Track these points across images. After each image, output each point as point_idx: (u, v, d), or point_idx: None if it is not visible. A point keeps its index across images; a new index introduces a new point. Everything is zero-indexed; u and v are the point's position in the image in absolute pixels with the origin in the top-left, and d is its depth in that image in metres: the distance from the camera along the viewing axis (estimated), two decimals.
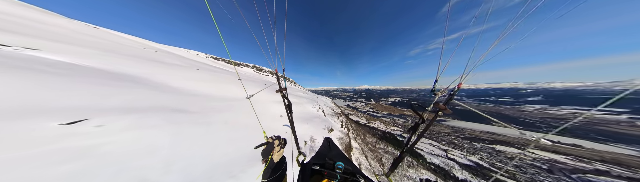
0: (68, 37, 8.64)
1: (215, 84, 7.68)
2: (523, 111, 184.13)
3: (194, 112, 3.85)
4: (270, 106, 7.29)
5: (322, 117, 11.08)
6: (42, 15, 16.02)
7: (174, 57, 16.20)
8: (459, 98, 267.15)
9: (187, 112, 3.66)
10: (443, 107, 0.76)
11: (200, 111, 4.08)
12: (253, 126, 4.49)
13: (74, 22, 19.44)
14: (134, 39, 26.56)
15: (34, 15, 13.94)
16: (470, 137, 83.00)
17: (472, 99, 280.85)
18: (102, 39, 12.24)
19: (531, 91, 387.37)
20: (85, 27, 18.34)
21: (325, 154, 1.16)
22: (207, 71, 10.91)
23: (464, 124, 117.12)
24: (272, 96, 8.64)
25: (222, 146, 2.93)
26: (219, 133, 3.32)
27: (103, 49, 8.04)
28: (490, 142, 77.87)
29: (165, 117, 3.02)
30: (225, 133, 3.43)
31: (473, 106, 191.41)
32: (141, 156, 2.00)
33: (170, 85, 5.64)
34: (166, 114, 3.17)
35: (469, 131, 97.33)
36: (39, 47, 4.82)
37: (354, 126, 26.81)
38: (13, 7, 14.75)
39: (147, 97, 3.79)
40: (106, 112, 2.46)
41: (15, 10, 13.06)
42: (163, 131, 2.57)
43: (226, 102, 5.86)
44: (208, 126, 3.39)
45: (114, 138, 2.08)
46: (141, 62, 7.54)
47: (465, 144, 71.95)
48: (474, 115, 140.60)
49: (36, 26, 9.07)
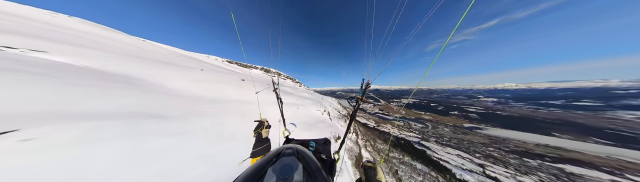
0: (90, 41, 9.27)
1: (214, 85, 7.48)
2: (613, 118, 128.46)
3: (173, 116, 3.46)
4: (269, 108, 6.81)
5: (327, 121, 10.34)
6: (106, 31, 18.05)
7: (190, 60, 16.94)
8: (504, 101, 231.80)
9: (163, 118, 3.27)
10: (358, 97, 1.09)
11: (182, 115, 3.69)
12: (241, 134, 3.98)
13: (132, 37, 21.67)
14: (165, 47, 28.89)
15: (100, 32, 15.65)
16: (517, 151, 64.00)
17: (523, 103, 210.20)
18: (127, 45, 13.17)
19: (637, 90, 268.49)
20: (138, 40, 20.23)
21: (316, 142, 1.34)
22: (211, 72, 10.96)
23: (507, 132, 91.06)
24: (272, 97, 8.18)
25: (190, 166, 2.39)
26: (192, 146, 2.83)
27: (118, 52, 8.41)
28: (553, 159, 58.74)
29: (129, 125, 2.62)
30: (201, 145, 2.93)
31: (522, 111, 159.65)
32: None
33: (166, 85, 5.47)
34: (134, 121, 2.78)
35: (515, 141, 75.13)
36: (47, 49, 4.99)
37: (362, 130, 25.44)
38: (103, 31, 16.72)
39: (128, 100, 3.51)
40: (53, 120, 2.10)
41: (93, 30, 14.73)
42: (113, 145, 2.12)
43: (219, 103, 5.50)
44: (181, 136, 2.93)
45: (32, 159, 1.59)
46: (148, 64, 7.66)
47: (511, 158, 55.74)
48: (520, 121, 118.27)
49: (71, 33, 9.93)
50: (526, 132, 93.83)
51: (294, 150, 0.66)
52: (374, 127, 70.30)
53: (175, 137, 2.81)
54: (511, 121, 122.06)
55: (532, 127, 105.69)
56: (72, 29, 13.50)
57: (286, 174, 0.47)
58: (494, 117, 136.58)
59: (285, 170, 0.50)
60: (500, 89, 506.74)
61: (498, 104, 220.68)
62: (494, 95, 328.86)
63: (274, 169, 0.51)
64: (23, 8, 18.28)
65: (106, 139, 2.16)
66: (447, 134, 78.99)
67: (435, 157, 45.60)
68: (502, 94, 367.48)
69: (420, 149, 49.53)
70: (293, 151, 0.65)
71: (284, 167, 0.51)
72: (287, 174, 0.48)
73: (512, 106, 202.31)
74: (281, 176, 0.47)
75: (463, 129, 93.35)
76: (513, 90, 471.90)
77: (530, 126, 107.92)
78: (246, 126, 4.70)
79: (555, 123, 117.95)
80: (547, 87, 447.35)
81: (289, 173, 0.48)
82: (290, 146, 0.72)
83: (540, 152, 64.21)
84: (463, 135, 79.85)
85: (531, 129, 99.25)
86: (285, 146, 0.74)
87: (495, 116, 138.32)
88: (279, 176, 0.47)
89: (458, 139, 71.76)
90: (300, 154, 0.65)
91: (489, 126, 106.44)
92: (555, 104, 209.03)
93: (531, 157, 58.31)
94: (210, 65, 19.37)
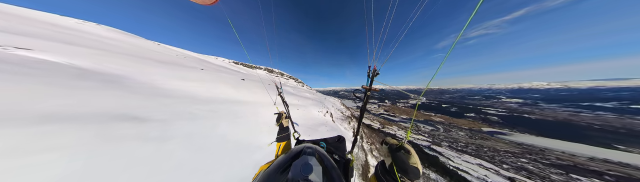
0: (91, 41, 9.21)
1: (211, 84, 7.12)
2: None
3: (155, 119, 3.03)
4: (264, 111, 6.34)
5: (329, 123, 9.77)
6: (122, 35, 18.46)
7: (197, 61, 16.93)
8: (532, 102, 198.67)
9: (142, 120, 2.84)
10: (366, 87, 0.94)
11: (166, 117, 3.26)
12: (232, 140, 3.50)
13: (147, 41, 22.17)
14: (177, 49, 29.44)
15: (115, 35, 15.97)
16: (562, 165, 50.10)
17: (557, 104, 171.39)
18: (134, 46, 13.23)
19: None
20: (152, 44, 20.61)
21: (326, 142, 1.33)
22: (212, 71, 10.70)
23: (543, 141, 73.03)
24: (274, 97, 7.73)
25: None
26: (171, 156, 2.36)
27: (117, 52, 8.26)
28: (617, 179, 45.13)
29: (95, 130, 2.19)
30: (181, 157, 2.46)
31: (559, 115, 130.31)
32: None
33: (157, 85, 5.12)
34: (103, 125, 2.36)
35: (557, 153, 59.82)
36: (34, 46, 4.77)
37: (366, 131, 24.60)
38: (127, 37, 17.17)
39: (105, 100, 3.12)
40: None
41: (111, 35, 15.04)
42: (65, 156, 1.69)
43: (212, 104, 5.08)
44: (159, 144, 2.47)
45: None
46: (146, 63, 7.42)
47: (554, 174, 44.71)
48: (558, 127, 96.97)
49: (74, 34, 9.96)
50: (568, 141, 73.76)
51: (313, 150, 0.66)
52: (379, 128, 68.55)
53: (148, 146, 2.36)
54: (545, 127, 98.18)
55: (578, 135, 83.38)
56: (81, 31, 13.73)
57: (307, 172, 0.50)
58: (521, 121, 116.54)
59: (306, 168, 0.52)
60: (527, 89, 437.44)
61: (524, 105, 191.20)
62: (518, 95, 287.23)
63: (296, 165, 0.54)
64: (49, 16, 18.93)
65: (55, 148, 1.72)
66: (462, 139, 69.96)
67: (451, 166, 40.71)
68: (530, 94, 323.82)
69: (432, 155, 45.05)
70: (312, 151, 0.65)
71: (305, 165, 0.53)
72: (308, 172, 0.51)
73: (542, 108, 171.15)
74: (303, 172, 0.50)
75: (482, 134, 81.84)
76: (543, 90, 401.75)
77: (576, 134, 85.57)
78: (240, 130, 4.23)
79: (615, 132, 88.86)
80: (590, 86, 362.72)
81: (309, 172, 0.51)
82: (310, 146, 0.73)
83: (597, 169, 48.28)
84: (482, 140, 69.12)
85: (578, 138, 77.37)
86: (306, 145, 0.76)
87: (523, 120, 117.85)
88: (301, 171, 0.51)
89: (476, 145, 62.97)
90: (319, 156, 0.65)
91: (515, 132, 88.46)
92: (604, 106, 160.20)
93: (583, 174, 45.22)
94: (215, 65, 19.32)
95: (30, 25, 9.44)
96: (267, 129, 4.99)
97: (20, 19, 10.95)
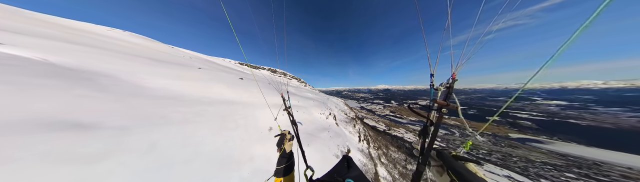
0: (87, 39, 9.08)
1: (205, 83, 6.59)
2: None
3: (106, 126, 2.41)
4: (260, 113, 5.67)
5: (332, 127, 8.95)
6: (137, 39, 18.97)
7: (201, 61, 16.82)
8: (581, 105, 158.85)
9: (84, 128, 2.23)
10: (443, 103, 0.69)
11: (124, 123, 2.64)
12: (212, 155, 2.83)
13: (163, 44, 22.64)
14: (188, 52, 30.04)
15: (127, 38, 16.33)
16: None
17: (621, 108, 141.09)
18: (139, 45, 13.25)
19: None
20: (165, 46, 21.11)
21: (341, 173, 0.99)
22: (211, 70, 10.28)
23: (598, 152, 60.12)
24: (271, 98, 7.09)
25: None
26: (106, 179, 1.70)
27: (112, 50, 8.02)
28: None
29: (8, 143, 1.58)
30: (127, 178, 1.79)
31: (623, 122, 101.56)
32: None
33: (138, 84, 4.62)
34: (15, 137, 1.75)
35: (620, 168, 45.81)
36: (6, 41, 4.44)
37: (372, 134, 23.40)
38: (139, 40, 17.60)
39: (53, 101, 2.57)
40: None
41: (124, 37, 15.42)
42: None
43: (198, 106, 4.47)
44: (90, 165, 1.82)
45: None
46: (138, 61, 7.06)
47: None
48: (622, 137, 76.37)
49: (70, 32, 9.94)
50: (634, 153, 58.96)
51: None
52: (385, 130, 66.27)
53: (72, 166, 1.71)
54: (601, 135, 78.09)
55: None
56: (88, 31, 13.99)
57: None
58: (565, 127, 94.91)
59: None
60: (572, 89, 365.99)
61: (569, 109, 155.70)
62: (560, 97, 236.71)
63: None
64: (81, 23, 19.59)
65: None
66: (484, 145, 61.35)
67: None
68: (576, 95, 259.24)
69: None
70: None
71: None
72: None
73: (596, 112, 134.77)
74: None
75: (509, 141, 70.01)
76: (598, 90, 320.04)
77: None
78: (224, 138, 3.55)
79: None
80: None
81: None
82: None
83: None
84: (510, 148, 58.93)
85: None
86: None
87: (567, 126, 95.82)
88: None
89: (502, 153, 53.74)
90: None
91: (556, 140, 72.98)
92: None
93: None
94: (218, 65, 19.21)
95: (23, 22, 9.52)
96: (259, 137, 4.29)
97: (18, 17, 11.21)
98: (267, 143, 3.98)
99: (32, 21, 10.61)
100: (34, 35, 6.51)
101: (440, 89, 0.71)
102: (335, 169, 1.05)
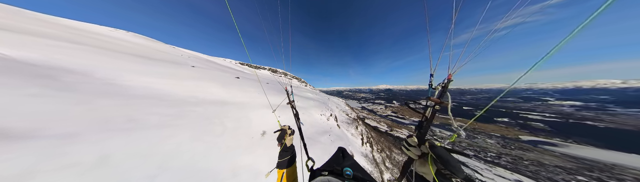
0: (69, 34, 8.61)
1: (194, 82, 6.06)
2: None
3: (42, 136, 1.86)
4: (254, 115, 5.12)
5: (334, 129, 8.36)
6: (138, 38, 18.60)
7: (200, 60, 16.28)
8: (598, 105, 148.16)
9: (23, 138, 1.70)
10: (436, 100, 0.77)
11: (71, 130, 2.10)
12: (181, 174, 2.27)
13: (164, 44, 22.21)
14: (189, 52, 29.58)
15: (125, 36, 15.99)
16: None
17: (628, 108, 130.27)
18: (131, 43, 12.80)
19: None
20: (166, 46, 20.78)
21: (337, 163, 1.13)
22: (205, 69, 9.76)
23: (616, 155, 57.52)
24: (270, 98, 6.54)
25: None
26: None
27: (96, 46, 7.52)
28: None
29: None
30: None
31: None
32: None
33: (114, 81, 4.09)
34: None
35: (634, 171, 44.51)
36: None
37: (374, 136, 22.73)
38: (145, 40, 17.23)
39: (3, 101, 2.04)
40: None
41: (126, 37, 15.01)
42: None
43: (184, 107, 3.94)
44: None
45: None
46: (118, 58, 6.52)
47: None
48: (635, 139, 72.89)
49: (53, 27, 9.49)
50: None
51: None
52: (387, 131, 65.31)
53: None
54: (620, 138, 73.93)
55: None
56: (77, 28, 13.59)
57: None
58: (580, 129, 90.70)
59: None
60: (588, 89, 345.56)
61: (585, 109, 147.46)
62: (575, 97, 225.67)
63: None
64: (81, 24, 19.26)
65: None
66: (493, 148, 59.28)
67: (479, 181, 34.45)
68: (592, 95, 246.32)
69: None
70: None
71: None
72: None
73: (615, 113, 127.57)
74: None
75: (519, 143, 67.14)
76: (616, 89, 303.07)
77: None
78: (206, 145, 3.01)
79: None
80: None
81: None
82: (328, 180, 0.60)
83: None
84: (520, 151, 56.50)
85: None
86: (322, 179, 0.62)
87: (583, 128, 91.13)
88: None
89: (512, 156, 51.77)
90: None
91: (571, 143, 70.05)
92: None
93: None
94: (216, 64, 18.74)
95: (23, 22, 9.09)
96: (250, 143, 3.73)
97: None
98: (258, 150, 3.42)
99: (33, 21, 10.21)
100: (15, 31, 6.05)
101: (437, 88, 0.77)
102: (332, 159, 1.12)
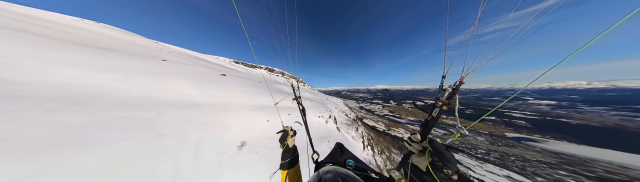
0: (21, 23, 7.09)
1: (159, 78, 4.79)
2: None
3: None
4: (234, 119, 3.96)
5: (333, 134, 7.30)
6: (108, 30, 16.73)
7: (183, 56, 14.65)
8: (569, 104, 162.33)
9: None
10: (445, 101, 0.78)
11: None
12: None
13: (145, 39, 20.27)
14: (172, 47, 27.58)
15: (97, 28, 14.14)
16: (613, 180, 44.99)
17: (603, 107, 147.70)
18: (100, 35, 11.14)
19: None
20: (146, 40, 18.84)
21: (337, 156, 1.25)
22: (182, 64, 8.41)
23: (588, 150, 62.74)
24: (260, 98, 5.38)
25: None
26: None
27: (29, 32, 6.11)
28: None
29: None
30: None
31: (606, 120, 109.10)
32: None
33: (27, 79, 2.85)
34: None
35: (604, 164, 50.17)
36: None
37: (373, 135, 21.89)
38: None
39: None
40: None
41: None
42: None
43: (121, 111, 2.73)
44: None
45: None
46: (57, 48, 5.20)
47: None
48: (605, 134, 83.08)
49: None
50: (626, 152, 62.11)
51: (334, 175, 0.59)
52: (385, 131, 65.13)
53: None
54: (589, 134, 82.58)
55: (632, 144, 71.95)
56: (27, 15, 11.85)
57: None
58: (556, 126, 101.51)
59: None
60: (560, 89, 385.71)
61: (559, 108, 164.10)
62: (550, 96, 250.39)
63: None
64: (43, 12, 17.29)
65: None
66: (482, 145, 62.55)
67: (473, 178, 35.58)
68: (564, 95, 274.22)
69: None
70: (333, 177, 0.58)
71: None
72: None
73: (583, 111, 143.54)
74: None
75: (506, 140, 72.19)
76: (583, 90, 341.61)
77: (632, 143, 73.46)
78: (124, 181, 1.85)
79: None
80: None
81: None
82: (329, 170, 0.65)
83: None
84: (507, 148, 60.48)
85: (632, 148, 65.50)
86: (324, 169, 0.67)
87: (559, 125, 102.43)
88: None
89: (500, 152, 54.98)
90: (343, 178, 0.58)
91: (549, 138, 76.50)
92: None
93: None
94: (202, 61, 17.19)
95: None
96: (219, 162, 2.58)
97: None
98: (226, 173, 2.28)
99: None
100: None
101: (448, 89, 0.79)
102: (332, 153, 1.25)
